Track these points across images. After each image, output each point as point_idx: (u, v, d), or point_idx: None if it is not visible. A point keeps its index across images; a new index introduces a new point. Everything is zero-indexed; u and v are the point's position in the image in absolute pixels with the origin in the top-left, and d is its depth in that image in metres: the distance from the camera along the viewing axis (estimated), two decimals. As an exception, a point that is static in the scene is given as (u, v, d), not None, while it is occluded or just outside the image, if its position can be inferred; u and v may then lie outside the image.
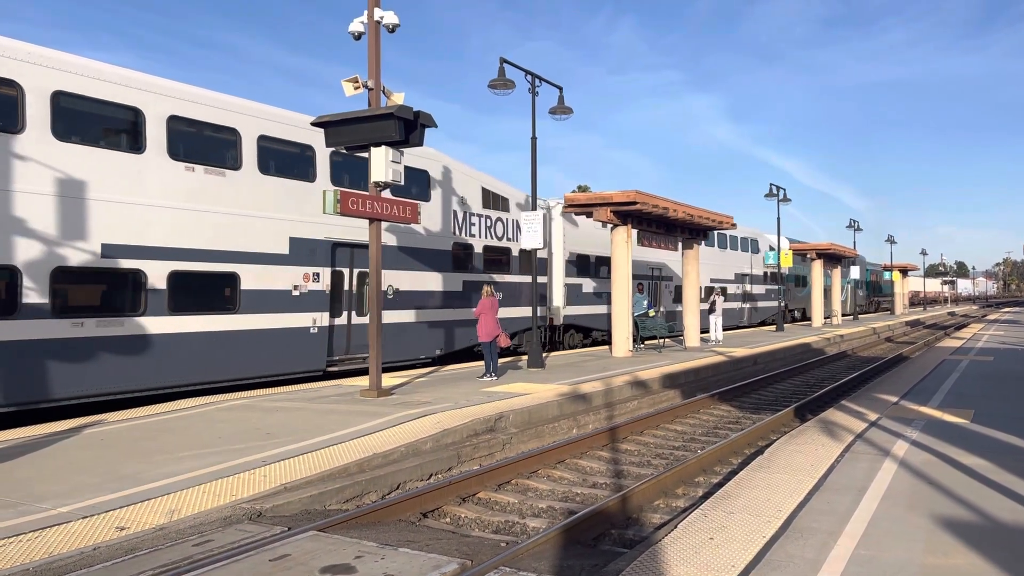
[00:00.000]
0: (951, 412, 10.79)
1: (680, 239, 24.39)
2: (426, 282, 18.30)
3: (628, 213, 20.53)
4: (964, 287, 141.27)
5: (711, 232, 27.47)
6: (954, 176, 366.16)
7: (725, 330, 30.84)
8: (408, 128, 12.18)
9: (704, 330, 26.51)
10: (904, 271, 63.11)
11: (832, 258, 41.72)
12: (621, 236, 20.82)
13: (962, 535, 5.47)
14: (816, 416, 11.16)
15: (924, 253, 74.96)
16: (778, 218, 35.52)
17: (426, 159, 18.34)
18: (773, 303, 41.30)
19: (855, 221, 47.74)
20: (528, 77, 17.76)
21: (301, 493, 7.36)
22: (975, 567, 4.87)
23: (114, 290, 12.40)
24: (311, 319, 15.40)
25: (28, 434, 9.96)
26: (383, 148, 12.25)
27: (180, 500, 6.90)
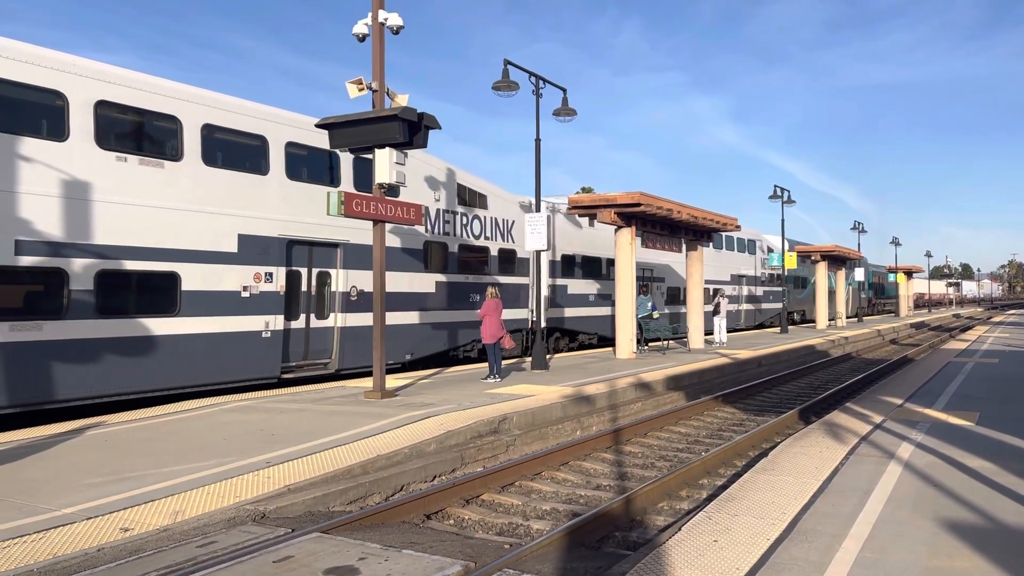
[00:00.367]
0: (956, 415, 10.76)
1: (684, 241, 24.38)
2: (395, 283, 16.99)
3: (632, 215, 20.53)
4: (969, 289, 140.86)
5: (716, 234, 27.43)
6: (959, 178, 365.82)
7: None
8: (412, 130, 12.19)
9: (708, 332, 26.45)
10: (909, 273, 62.98)
11: (836, 260, 41.64)
12: (625, 238, 20.81)
13: (967, 538, 5.44)
14: (821, 418, 11.13)
15: (929, 255, 74.88)
16: (782, 220, 35.48)
17: None
18: (771, 305, 40.84)
19: (859, 223, 47.71)
20: (532, 79, 17.78)
21: (305, 495, 7.36)
22: (980, 570, 4.85)
23: (31, 291, 11.33)
24: (263, 322, 14.32)
25: (33, 435, 9.98)
26: (387, 150, 12.26)
27: (184, 501, 6.91)
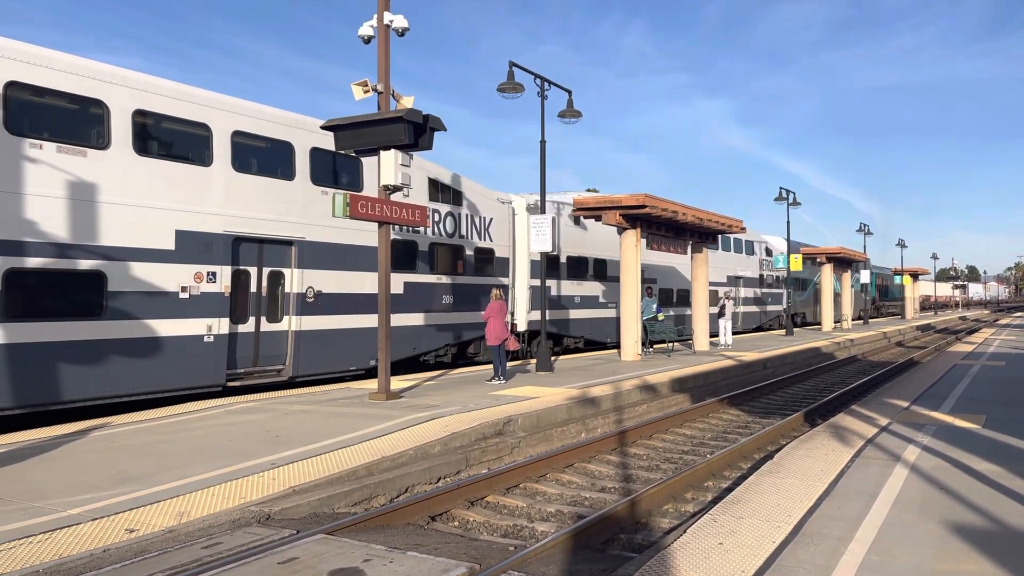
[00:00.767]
0: (963, 417, 10.72)
1: (689, 243, 24.36)
2: (357, 283, 16.12)
3: (637, 217, 20.52)
4: (975, 291, 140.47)
5: (720, 236, 27.35)
6: (965, 180, 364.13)
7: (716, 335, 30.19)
8: (417, 132, 12.21)
9: (713, 334, 26.38)
10: (915, 275, 62.83)
11: (842, 262, 41.54)
12: (630, 240, 20.80)
13: (974, 541, 5.42)
14: (826, 421, 11.10)
15: (935, 257, 74.79)
16: (787, 222, 35.37)
17: None
18: (769, 307, 40.16)
19: (865, 225, 47.58)
20: (537, 81, 17.79)
21: (310, 496, 7.37)
22: (987, 574, 4.83)
23: None
24: (205, 326, 13.22)
25: (39, 436, 10.01)
26: (392, 152, 12.29)
27: (189, 502, 6.92)
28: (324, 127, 12.84)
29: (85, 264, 11.66)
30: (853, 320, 46.78)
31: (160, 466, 8.23)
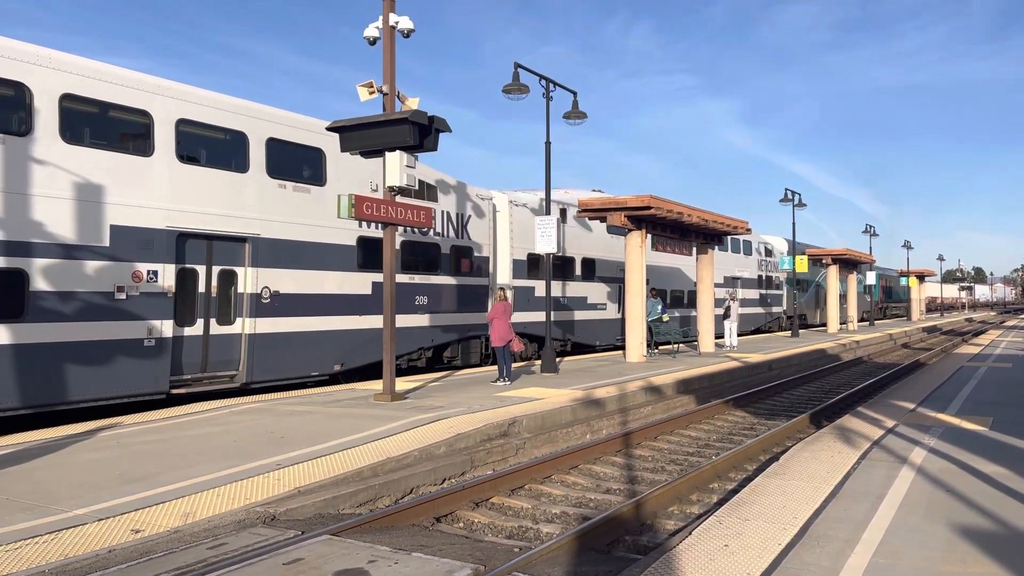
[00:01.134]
0: (969, 419, 10.68)
1: (695, 244, 24.33)
2: (319, 283, 15.21)
3: (642, 218, 20.50)
4: (982, 293, 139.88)
5: (726, 237, 27.30)
6: (972, 181, 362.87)
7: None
8: (423, 133, 12.22)
9: (719, 335, 26.34)
10: (921, 277, 62.61)
11: (848, 264, 41.41)
12: (635, 241, 20.78)
13: (980, 544, 5.40)
14: (832, 422, 11.07)
15: (941, 259, 74.40)
16: (793, 223, 35.35)
17: (322, 135, 14.75)
18: (766, 309, 39.57)
19: (870, 226, 47.33)
20: (542, 82, 17.79)
21: (315, 497, 7.37)
22: (995, 577, 4.81)
23: None
24: (145, 329, 12.31)
25: (45, 436, 10.04)
26: (397, 153, 12.29)
27: (195, 503, 6.93)
28: (329, 128, 12.83)
29: (3, 262, 10.78)
30: (859, 322, 46.68)
31: (165, 466, 8.24)
